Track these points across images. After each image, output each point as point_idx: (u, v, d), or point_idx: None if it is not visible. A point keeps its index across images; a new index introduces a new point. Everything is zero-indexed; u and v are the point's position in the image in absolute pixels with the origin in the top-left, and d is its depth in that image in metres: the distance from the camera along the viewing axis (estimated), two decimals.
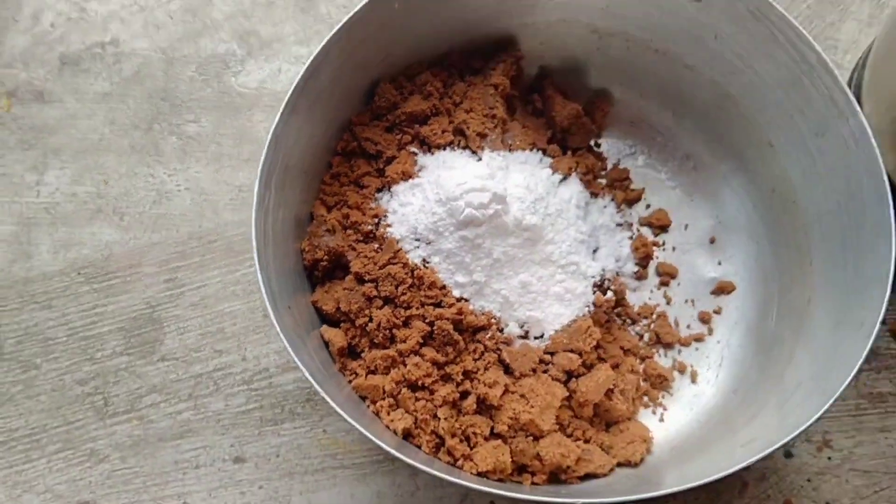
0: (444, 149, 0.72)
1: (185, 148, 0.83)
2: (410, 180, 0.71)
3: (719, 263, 0.78)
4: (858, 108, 0.63)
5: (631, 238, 0.78)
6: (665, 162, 0.81)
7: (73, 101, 0.85)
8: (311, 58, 0.66)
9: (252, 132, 0.83)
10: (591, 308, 0.72)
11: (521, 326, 0.70)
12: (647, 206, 0.80)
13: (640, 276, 0.77)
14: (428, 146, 0.73)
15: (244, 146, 0.83)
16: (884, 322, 0.58)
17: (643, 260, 0.77)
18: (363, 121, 0.73)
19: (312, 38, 0.87)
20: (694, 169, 0.80)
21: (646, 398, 0.73)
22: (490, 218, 0.66)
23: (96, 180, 0.82)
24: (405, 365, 0.66)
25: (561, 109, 0.79)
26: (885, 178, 0.61)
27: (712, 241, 0.79)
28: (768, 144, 0.73)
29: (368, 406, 0.65)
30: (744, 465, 0.57)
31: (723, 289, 0.77)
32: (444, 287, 0.68)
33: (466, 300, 0.68)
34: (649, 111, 0.81)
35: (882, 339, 0.77)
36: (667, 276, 0.78)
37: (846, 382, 0.57)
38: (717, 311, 0.76)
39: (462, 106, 0.74)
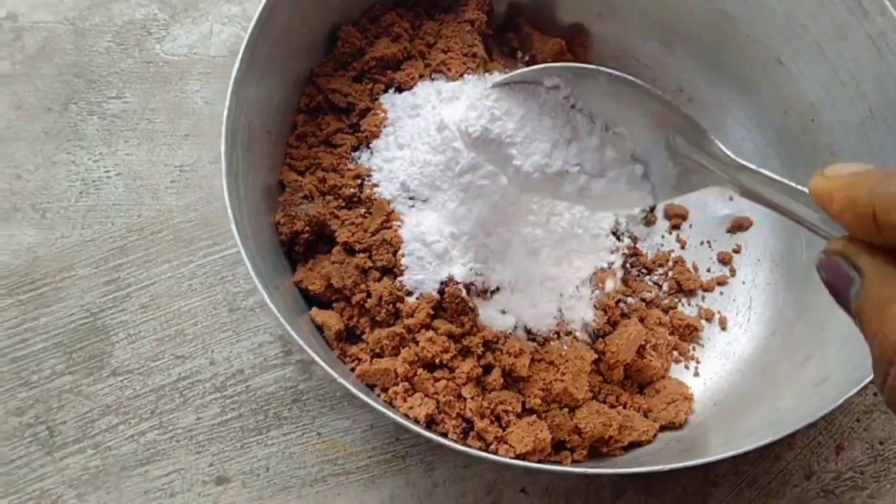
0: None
1: (109, 128, 0.71)
2: (392, 130, 0.61)
3: (731, 199, 0.71)
4: (887, 3, 0.57)
5: None
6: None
7: None
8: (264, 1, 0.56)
9: (187, 104, 0.72)
10: (611, 258, 0.64)
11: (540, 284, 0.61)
12: None
13: (649, 222, 0.70)
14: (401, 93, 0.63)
15: (180, 120, 0.71)
16: None
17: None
18: (327, 71, 0.63)
19: None
20: (689, 101, 0.73)
21: (676, 353, 0.66)
22: (494, 145, 0.56)
23: (7, 175, 0.69)
24: (416, 342, 0.56)
25: (542, 46, 0.70)
26: None
27: None
28: (776, 61, 0.66)
29: (379, 395, 0.55)
30: (807, 422, 0.50)
31: (739, 225, 0.70)
32: None
33: None
34: (633, 43, 0.74)
35: None
36: (677, 217, 0.70)
37: None
38: (737, 250, 0.69)
39: (437, 46, 0.65)
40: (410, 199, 0.58)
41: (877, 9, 0.58)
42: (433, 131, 0.58)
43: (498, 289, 0.59)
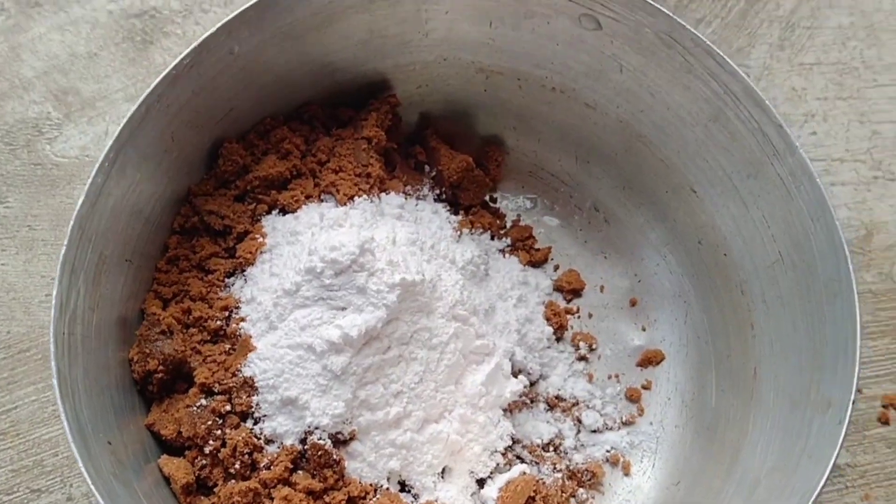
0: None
1: None
2: (269, 257, 0.57)
3: (643, 329, 0.67)
4: (797, 144, 0.54)
5: (542, 305, 0.66)
6: (572, 216, 0.70)
7: None
8: (127, 117, 0.52)
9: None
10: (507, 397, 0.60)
11: None
12: (556, 268, 0.69)
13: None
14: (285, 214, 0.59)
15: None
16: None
17: (557, 331, 0.65)
18: (206, 190, 0.60)
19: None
20: (605, 222, 0.69)
21: (573, 501, 0.61)
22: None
23: None
24: (271, 499, 0.51)
25: (449, 162, 0.66)
26: (837, 223, 0.51)
27: (633, 303, 0.67)
28: (690, 190, 0.63)
29: None
30: None
31: (650, 359, 0.65)
32: None
33: None
34: (549, 159, 0.70)
35: None
36: (587, 348, 0.66)
37: (821, 483, 0.46)
38: (647, 386, 0.65)
39: (329, 165, 0.61)
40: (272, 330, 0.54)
41: (786, 148, 0.54)
42: (305, 258, 0.54)
43: (370, 434, 0.54)
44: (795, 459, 0.50)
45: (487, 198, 0.70)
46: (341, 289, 0.53)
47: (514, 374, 0.61)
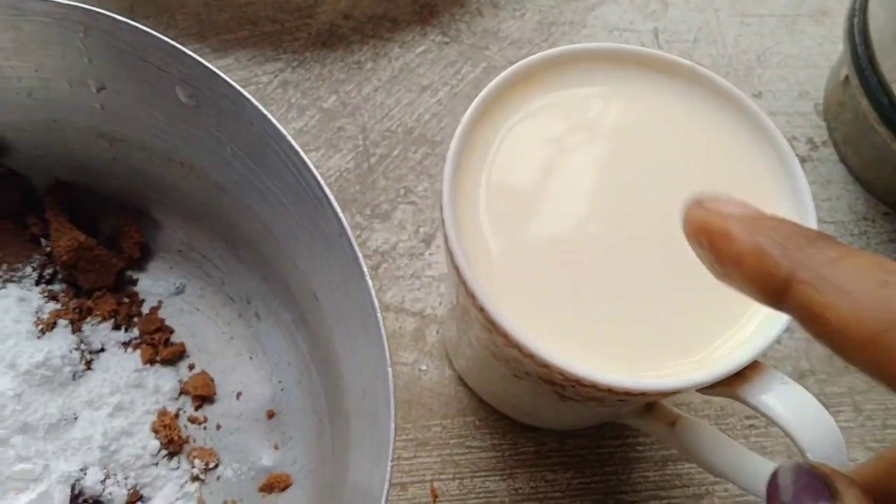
0: None
1: None
2: None
3: (276, 448, 0.58)
4: (366, 270, 0.45)
5: (152, 414, 0.57)
6: (222, 306, 0.61)
7: None
8: None
9: None
10: None
11: None
12: (191, 368, 0.60)
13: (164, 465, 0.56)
14: None
15: None
16: None
17: (168, 446, 0.56)
18: None
19: None
20: (257, 317, 0.61)
21: None
22: None
23: None
24: None
25: (58, 239, 0.57)
26: (389, 370, 0.43)
27: (270, 415, 0.59)
28: (313, 297, 0.54)
29: None
30: None
31: (274, 484, 0.56)
32: None
33: None
34: (200, 239, 0.61)
35: None
36: (203, 466, 0.57)
37: None
38: None
39: None
40: None
41: (356, 272, 0.46)
42: None
43: None
44: None
45: (131, 277, 0.61)
46: None
47: (83, 503, 0.52)
